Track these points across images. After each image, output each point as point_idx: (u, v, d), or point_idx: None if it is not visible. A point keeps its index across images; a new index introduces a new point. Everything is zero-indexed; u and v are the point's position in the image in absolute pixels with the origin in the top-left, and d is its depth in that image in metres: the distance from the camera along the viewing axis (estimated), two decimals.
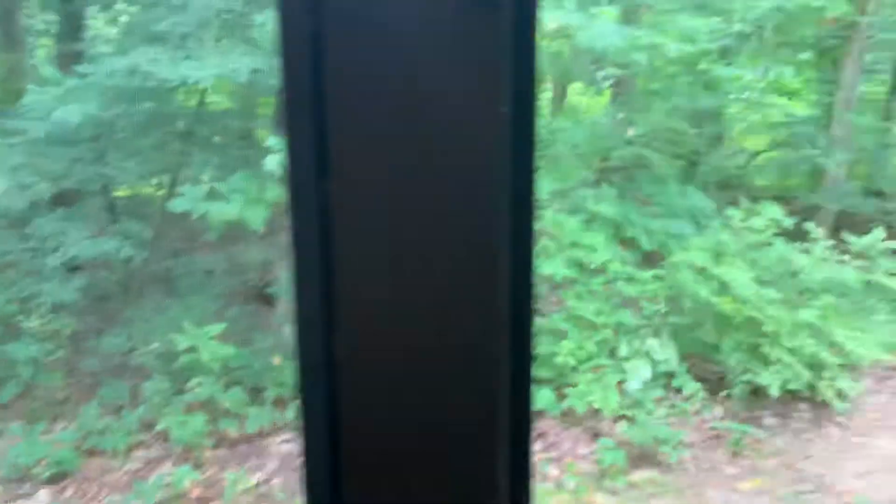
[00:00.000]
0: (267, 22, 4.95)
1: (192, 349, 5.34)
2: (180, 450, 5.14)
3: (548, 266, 5.83)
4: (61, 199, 5.85)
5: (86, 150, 5.55)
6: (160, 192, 6.37)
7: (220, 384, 5.44)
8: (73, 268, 5.87)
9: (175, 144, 5.85)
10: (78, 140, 5.47)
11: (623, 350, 5.53)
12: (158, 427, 5.24)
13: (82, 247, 5.46)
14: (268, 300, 6.36)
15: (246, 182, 5.06)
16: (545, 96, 12.34)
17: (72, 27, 7.66)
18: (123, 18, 7.54)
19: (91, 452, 5.12)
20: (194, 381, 5.33)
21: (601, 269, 5.93)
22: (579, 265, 5.94)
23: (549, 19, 4.90)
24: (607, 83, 10.52)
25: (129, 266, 6.37)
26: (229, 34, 5.49)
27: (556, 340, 5.60)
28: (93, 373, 6.11)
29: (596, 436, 5.19)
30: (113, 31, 8.13)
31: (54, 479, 4.78)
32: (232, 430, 5.33)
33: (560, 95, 13.09)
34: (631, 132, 8.27)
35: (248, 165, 5.11)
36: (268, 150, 4.76)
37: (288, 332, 6.14)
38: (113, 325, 6.29)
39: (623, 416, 5.28)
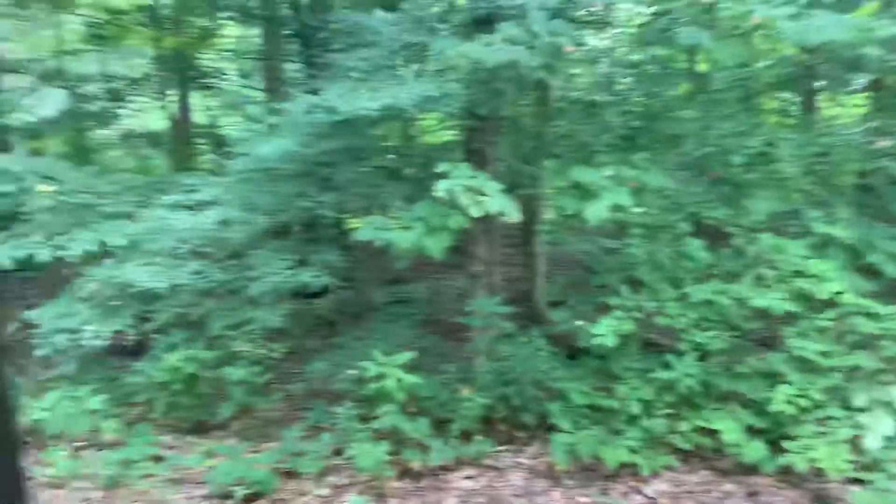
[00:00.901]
0: (444, 49, 4.89)
1: (380, 377, 5.38)
2: (365, 478, 5.17)
3: (764, 298, 5.09)
4: (269, 231, 6.27)
5: (289, 184, 5.89)
6: (357, 224, 6.60)
7: (406, 414, 5.41)
8: (291, 294, 6.26)
9: (369, 175, 6.03)
10: (281, 175, 5.83)
11: (858, 399, 4.62)
12: (347, 453, 5.33)
13: (284, 276, 5.77)
14: (459, 330, 6.28)
15: (428, 210, 5.01)
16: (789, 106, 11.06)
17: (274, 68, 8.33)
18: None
19: (288, 474, 5.32)
20: (381, 409, 5.35)
21: (831, 302, 5.04)
22: (804, 297, 5.11)
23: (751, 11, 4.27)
24: (857, 87, 9.18)
25: (334, 295, 6.65)
26: (416, 64, 5.55)
27: (771, 384, 4.85)
28: (298, 396, 6.43)
29: (819, 499, 4.36)
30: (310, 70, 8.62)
31: (250, 499, 5.01)
32: (415, 462, 5.26)
33: (810, 104, 11.68)
34: (883, 143, 7.09)
35: (430, 193, 5.05)
36: (441, 176, 4.67)
37: (479, 362, 6.00)
38: (317, 351, 6.59)
39: (856, 480, 4.39)
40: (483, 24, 5.35)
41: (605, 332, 5.19)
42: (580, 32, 5.64)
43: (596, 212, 5.01)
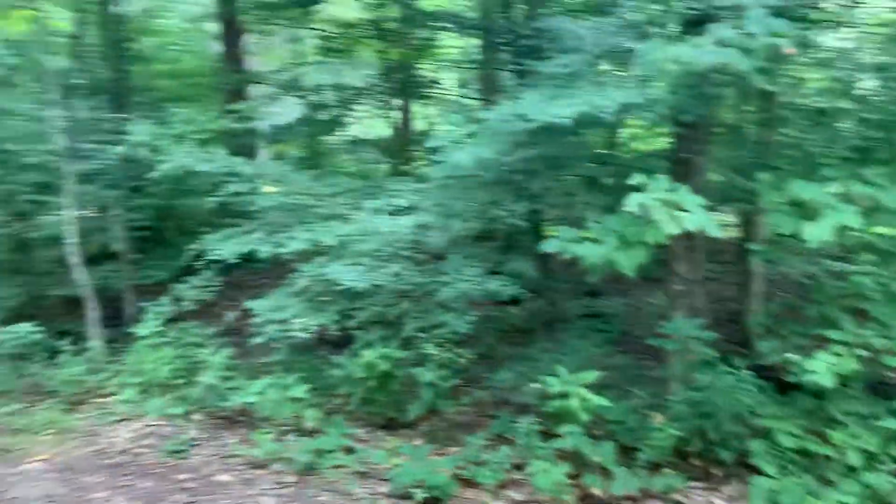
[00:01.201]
0: (650, 53, 4.58)
1: (563, 395, 5.20)
2: (543, 498, 5.01)
3: None
4: (464, 238, 6.33)
5: (484, 191, 5.90)
6: (551, 234, 6.45)
7: (590, 436, 5.18)
8: (484, 300, 6.28)
9: (567, 185, 5.86)
10: (477, 182, 5.85)
11: None
12: (527, 469, 5.21)
13: (472, 284, 5.78)
14: (654, 352, 5.90)
15: (621, 223, 4.73)
16: None
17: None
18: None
19: (467, 482, 5.32)
20: (564, 428, 5.17)
21: None
22: None
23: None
24: None
25: (526, 304, 6.55)
26: (619, 70, 5.29)
27: None
28: (483, 403, 6.43)
29: None
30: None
31: (428, 503, 5.06)
32: (596, 488, 5.01)
33: None
34: None
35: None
36: (635, 189, 4.38)
37: (673, 389, 5.60)
38: (505, 359, 6.55)
39: None
40: (695, 26, 4.96)
41: (821, 368, 4.58)
42: (808, 33, 5.02)
43: (817, 233, 4.44)
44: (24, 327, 7.57)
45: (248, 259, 6.78)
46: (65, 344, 7.79)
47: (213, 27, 12.63)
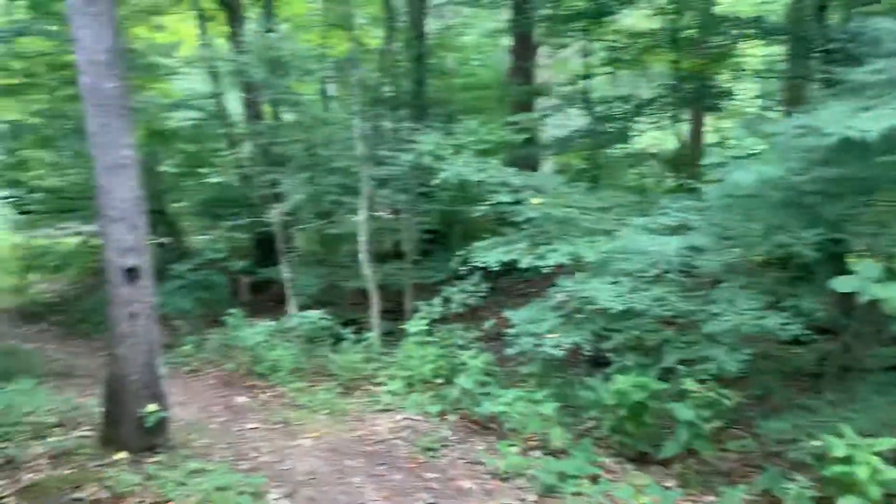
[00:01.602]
0: None
1: (848, 460, 4.39)
2: None
3: None
4: (740, 265, 5.67)
5: (768, 214, 5.22)
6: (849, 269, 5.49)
7: None
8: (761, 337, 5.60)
9: (874, 213, 4.94)
10: (760, 203, 5.19)
11: None
12: None
13: (748, 317, 5.14)
14: None
15: None
16: None
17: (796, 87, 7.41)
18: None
19: None
20: (845, 500, 4.36)
21: None
22: None
23: None
24: None
25: (811, 347, 5.69)
26: None
27: None
28: (749, 452, 5.70)
29: None
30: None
31: None
32: None
33: None
34: None
35: None
36: None
37: None
38: (780, 407, 5.74)
39: None
40: None
41: None
42: None
43: None
44: (316, 313, 8.44)
45: (515, 268, 6.81)
46: (349, 332, 8.55)
47: (508, 41, 13.04)
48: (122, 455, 5.28)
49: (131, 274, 5.43)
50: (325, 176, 10.63)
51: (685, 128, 11.46)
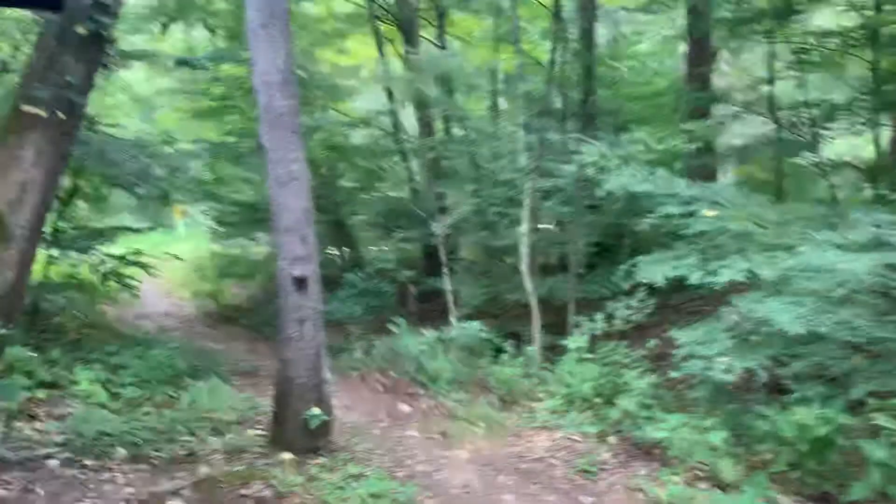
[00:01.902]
0: None
1: None
2: None
3: None
4: None
5: None
6: None
7: None
8: None
9: None
10: None
11: None
12: None
13: None
14: None
15: None
16: None
17: None
18: None
19: None
20: None
21: None
22: None
23: None
24: None
25: None
26: None
27: None
28: None
29: None
30: None
31: None
32: None
33: None
34: None
35: None
36: None
37: None
38: None
39: None
40: None
41: None
42: None
43: None
44: (476, 325, 8.46)
45: (685, 284, 6.43)
46: (509, 345, 8.49)
47: (683, 47, 12.45)
48: (288, 455, 5.56)
49: (300, 282, 5.72)
50: (490, 188, 10.70)
51: (885, 134, 10.29)
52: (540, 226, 10.37)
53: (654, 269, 6.39)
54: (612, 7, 13.06)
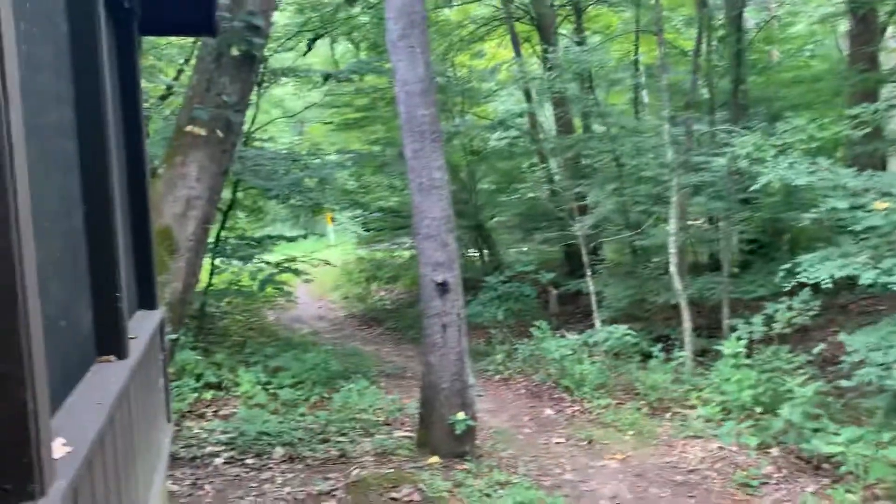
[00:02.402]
0: None
1: None
2: None
3: None
4: None
5: None
6: None
7: None
8: None
9: None
10: None
11: None
12: None
13: None
14: None
15: None
16: None
17: None
18: None
19: None
20: None
21: None
22: None
23: None
24: None
25: None
26: None
27: None
28: None
29: None
30: None
31: None
32: None
33: None
34: None
35: None
36: None
37: None
38: None
39: None
40: None
41: None
42: None
43: None
44: (622, 328, 8.19)
45: (855, 284, 5.89)
46: (657, 349, 8.15)
47: (845, 26, 11.48)
48: (435, 459, 5.61)
49: (442, 288, 5.76)
50: (634, 186, 10.34)
51: None
52: (689, 223, 9.89)
53: (820, 268, 5.89)
54: None
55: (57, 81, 2.35)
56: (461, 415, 5.78)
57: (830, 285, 5.85)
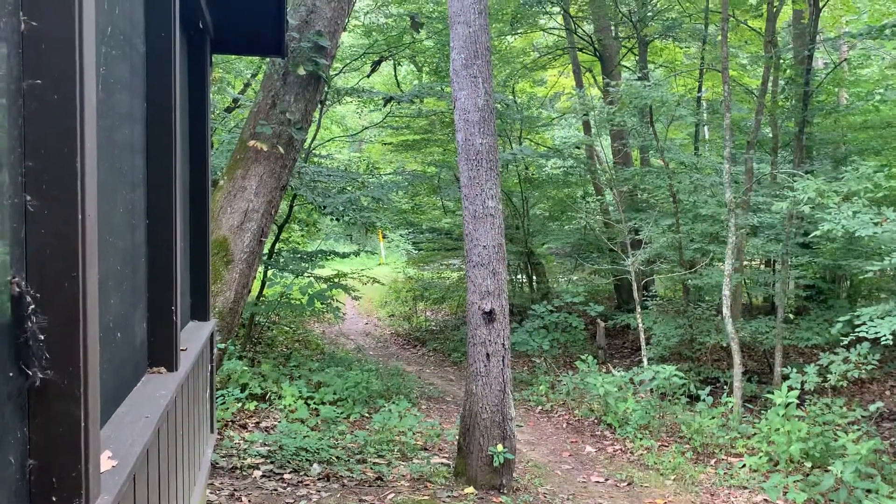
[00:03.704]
0: None
1: None
2: None
3: None
4: None
5: None
6: None
7: None
8: None
9: None
10: None
11: None
12: None
13: None
14: None
15: None
16: None
17: None
18: None
19: None
20: None
21: None
22: None
23: None
24: None
25: None
26: None
27: None
28: None
29: None
30: None
31: None
32: None
33: None
34: None
35: None
36: None
37: None
38: None
39: None
40: None
41: None
42: None
43: None
44: (670, 368, 8.02)
45: None
46: (705, 392, 7.96)
47: None
48: (470, 490, 5.56)
49: (489, 317, 5.75)
50: (690, 223, 10.17)
51: None
52: (745, 264, 9.67)
53: (882, 324, 5.69)
54: (833, 35, 12.01)
55: (131, 100, 2.44)
56: (500, 447, 5.72)
57: (891, 341, 5.65)
